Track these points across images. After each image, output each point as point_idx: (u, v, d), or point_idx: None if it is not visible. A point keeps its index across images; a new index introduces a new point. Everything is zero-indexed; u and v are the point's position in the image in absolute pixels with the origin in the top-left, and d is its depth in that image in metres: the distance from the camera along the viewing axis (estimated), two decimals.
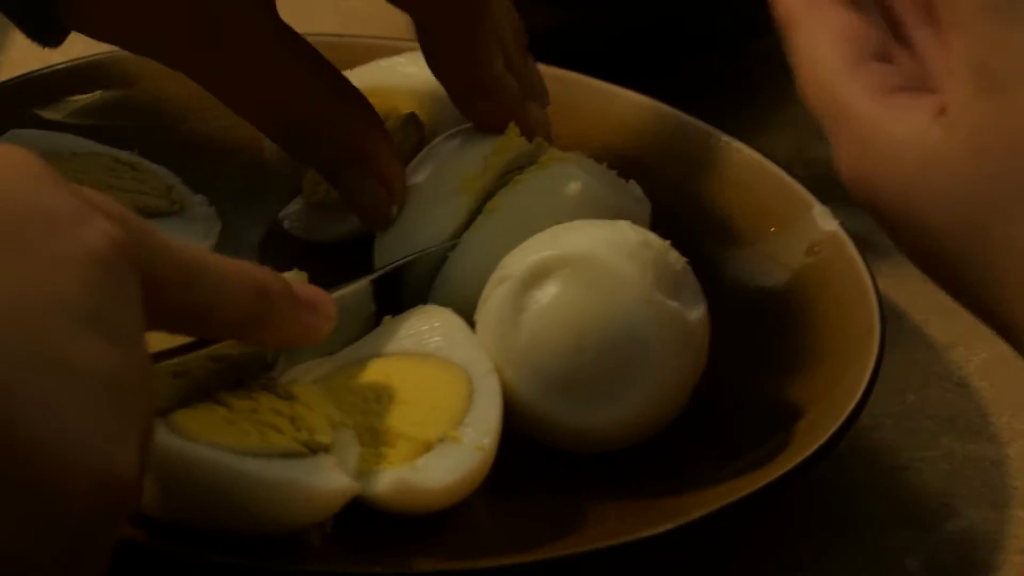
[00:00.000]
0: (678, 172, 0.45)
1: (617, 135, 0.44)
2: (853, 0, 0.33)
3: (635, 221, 0.38)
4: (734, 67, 0.56)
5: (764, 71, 0.55)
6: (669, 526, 0.32)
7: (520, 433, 0.35)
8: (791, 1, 0.33)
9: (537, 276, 0.36)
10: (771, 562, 0.35)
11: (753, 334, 0.41)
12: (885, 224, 0.32)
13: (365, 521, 0.33)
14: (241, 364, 0.34)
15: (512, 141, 0.39)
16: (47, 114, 0.45)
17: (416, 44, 0.41)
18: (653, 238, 0.36)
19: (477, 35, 0.41)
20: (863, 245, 0.40)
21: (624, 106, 0.47)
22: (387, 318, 0.38)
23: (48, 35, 0.40)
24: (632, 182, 0.41)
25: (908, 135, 0.30)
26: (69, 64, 0.45)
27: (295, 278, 0.36)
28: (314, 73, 0.41)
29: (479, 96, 0.41)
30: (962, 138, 0.30)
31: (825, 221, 0.41)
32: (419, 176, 0.39)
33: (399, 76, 0.43)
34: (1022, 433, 0.41)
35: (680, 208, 0.44)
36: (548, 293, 0.36)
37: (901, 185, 0.31)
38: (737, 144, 0.45)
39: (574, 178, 0.39)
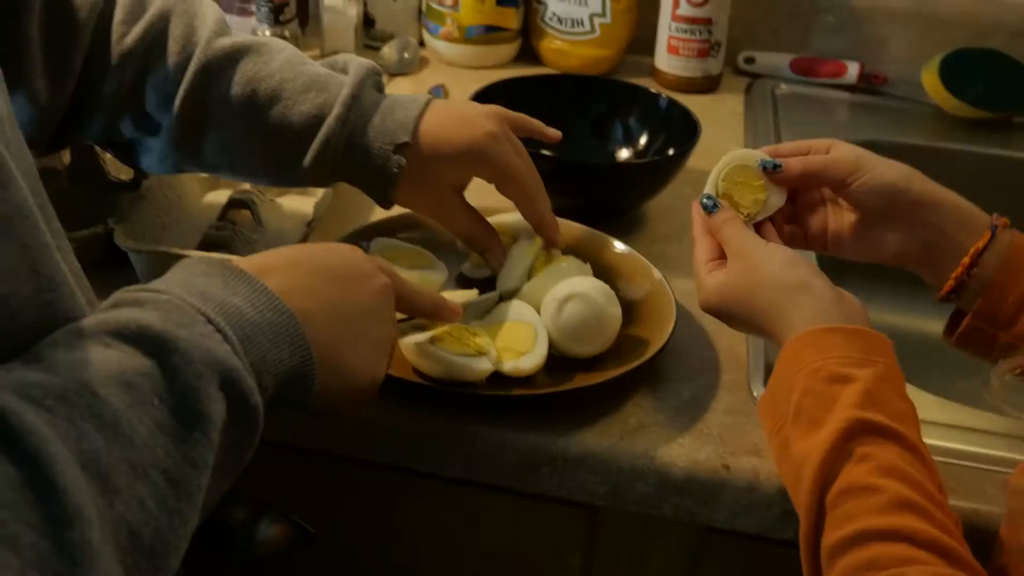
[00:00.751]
0: (596, 254, 0.84)
1: (571, 237, 0.85)
2: (711, 230, 0.69)
3: (586, 273, 0.79)
4: (642, 214, 0.99)
5: (657, 216, 1.00)
6: (602, 379, 0.72)
7: (554, 351, 0.75)
8: (695, 230, 0.71)
9: (566, 299, 0.74)
10: (650, 402, 0.76)
11: (632, 316, 0.79)
12: (722, 318, 0.68)
13: (498, 378, 0.73)
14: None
15: (538, 243, 0.80)
16: (398, 233, 0.84)
17: (505, 208, 0.82)
18: (605, 284, 0.76)
19: (544, 203, 0.78)
20: (670, 281, 0.82)
21: (572, 228, 0.86)
22: (502, 303, 0.77)
23: (387, 206, 0.78)
24: (587, 264, 0.80)
25: (718, 282, 0.67)
26: (398, 213, 0.84)
27: (468, 293, 0.77)
28: (477, 220, 0.79)
29: (546, 227, 0.78)
30: (739, 281, 0.66)
31: (656, 274, 0.82)
32: (512, 252, 0.80)
33: (505, 219, 0.83)
34: (730, 355, 0.80)
35: (600, 268, 0.82)
36: (572, 305, 0.74)
37: (719, 304, 0.68)
38: (620, 243, 0.85)
39: (571, 266, 0.79)
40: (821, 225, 0.75)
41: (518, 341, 0.75)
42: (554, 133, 0.83)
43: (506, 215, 0.84)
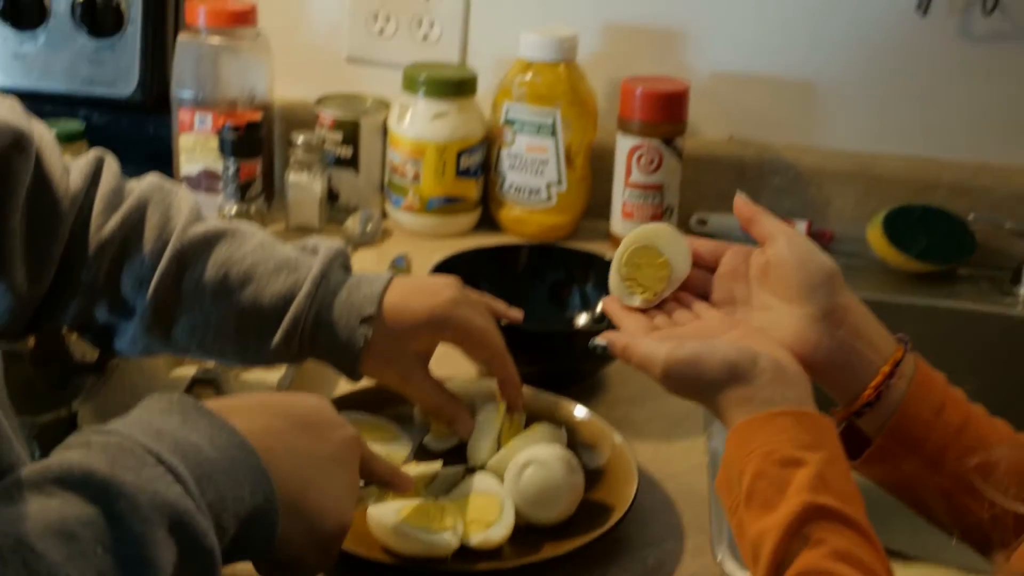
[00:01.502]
0: (557, 418, 0.87)
1: (532, 403, 0.88)
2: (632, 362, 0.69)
3: (558, 438, 0.81)
4: (602, 377, 1.03)
5: (618, 380, 1.03)
6: (571, 547, 0.74)
7: (517, 519, 0.75)
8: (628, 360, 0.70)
9: (525, 466, 0.77)
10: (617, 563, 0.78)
11: (594, 481, 0.81)
12: (677, 394, 0.68)
13: (465, 552, 0.74)
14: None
15: (502, 408, 0.82)
16: (361, 407, 0.86)
17: (466, 375, 0.86)
18: (567, 451, 0.78)
19: (508, 364, 0.80)
20: (632, 445, 0.86)
21: (532, 394, 0.89)
22: (470, 474, 0.79)
23: (355, 378, 0.80)
24: (563, 428, 0.83)
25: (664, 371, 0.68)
26: (364, 387, 0.87)
27: (432, 466, 0.77)
28: (439, 391, 0.81)
29: (513, 387, 0.81)
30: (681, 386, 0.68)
31: (618, 438, 0.85)
32: (479, 419, 0.82)
33: (464, 386, 0.86)
34: (693, 519, 0.83)
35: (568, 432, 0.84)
36: (530, 472, 0.77)
37: (674, 386, 0.69)
38: (582, 408, 0.89)
39: (542, 433, 0.81)
40: (731, 299, 0.75)
41: (485, 512, 0.77)
42: (515, 314, 0.87)
43: (456, 382, 0.87)
